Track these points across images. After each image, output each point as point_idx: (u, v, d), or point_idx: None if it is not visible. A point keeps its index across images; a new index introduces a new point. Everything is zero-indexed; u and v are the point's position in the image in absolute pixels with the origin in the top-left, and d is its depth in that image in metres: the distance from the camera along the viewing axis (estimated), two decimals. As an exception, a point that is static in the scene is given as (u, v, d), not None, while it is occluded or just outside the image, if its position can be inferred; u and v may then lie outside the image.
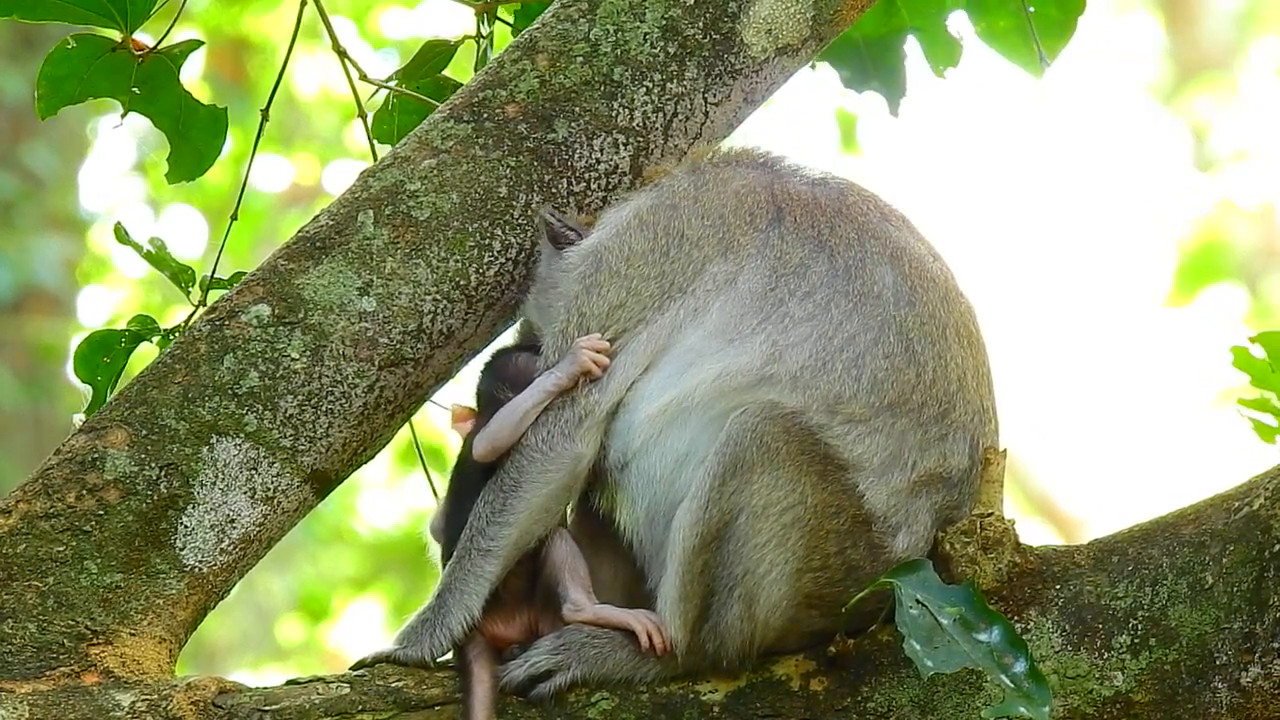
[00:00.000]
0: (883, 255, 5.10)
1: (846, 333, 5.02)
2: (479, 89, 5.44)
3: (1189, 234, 18.61)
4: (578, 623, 5.01)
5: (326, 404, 5.21)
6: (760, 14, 5.48)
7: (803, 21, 5.52)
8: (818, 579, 4.95)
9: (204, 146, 5.97)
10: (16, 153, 13.82)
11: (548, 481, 5.07)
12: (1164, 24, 19.14)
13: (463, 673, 4.97)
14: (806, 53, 5.54)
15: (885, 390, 5.00)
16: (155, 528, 5.10)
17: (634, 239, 5.18)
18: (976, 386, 5.10)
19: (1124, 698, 4.91)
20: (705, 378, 5.02)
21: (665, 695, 4.98)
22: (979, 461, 5.06)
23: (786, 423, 4.94)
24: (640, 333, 5.12)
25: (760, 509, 4.92)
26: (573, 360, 5.10)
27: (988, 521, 4.98)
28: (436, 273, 5.30)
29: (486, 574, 5.05)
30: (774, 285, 5.07)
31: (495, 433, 5.12)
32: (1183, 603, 4.93)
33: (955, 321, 5.11)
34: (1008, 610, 4.95)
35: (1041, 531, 16.15)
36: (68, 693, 4.96)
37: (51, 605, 5.03)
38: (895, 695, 4.94)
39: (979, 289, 5.30)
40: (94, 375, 5.81)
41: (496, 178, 5.36)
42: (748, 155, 5.30)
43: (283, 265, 5.30)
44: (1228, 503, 5.00)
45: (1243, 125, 18.61)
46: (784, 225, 5.13)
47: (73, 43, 5.85)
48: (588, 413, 5.08)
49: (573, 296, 5.17)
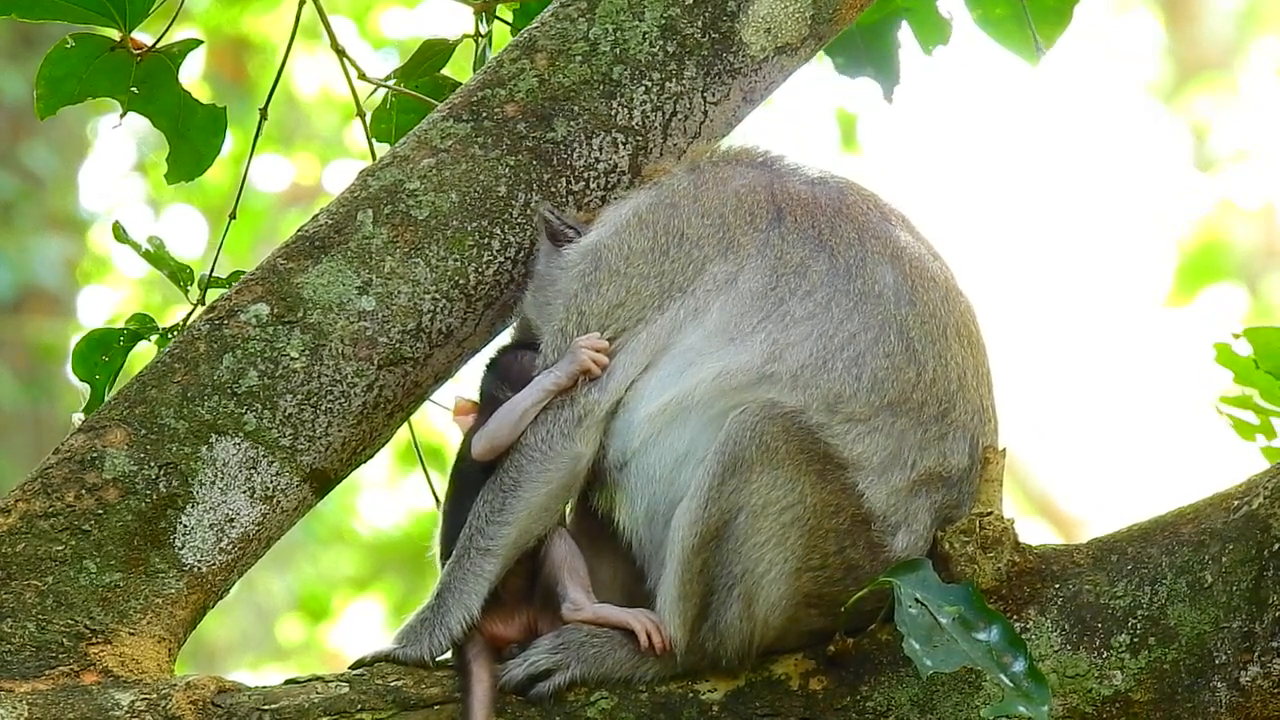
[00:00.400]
0: (883, 255, 5.10)
1: (847, 331, 5.02)
2: (478, 88, 5.44)
3: (1189, 234, 18.61)
4: (577, 622, 5.01)
5: (326, 403, 5.21)
6: (759, 13, 5.48)
7: (801, 20, 5.52)
8: (817, 578, 4.95)
9: (203, 146, 5.97)
10: (16, 153, 13.82)
11: (547, 481, 5.07)
12: (1164, 23, 19.14)
13: (461, 672, 4.97)
14: (805, 52, 5.54)
15: (885, 389, 5.00)
16: (154, 527, 5.10)
17: (633, 237, 5.18)
18: (976, 386, 5.10)
19: (1123, 697, 4.90)
20: (705, 377, 5.02)
21: (664, 694, 4.98)
22: (978, 461, 5.06)
23: (786, 421, 4.93)
24: (640, 332, 5.11)
25: (759, 508, 4.92)
26: (572, 359, 5.10)
27: (987, 521, 4.98)
28: (435, 272, 5.30)
29: (486, 573, 5.05)
30: (774, 285, 5.07)
31: (494, 431, 5.13)
32: (1182, 602, 4.92)
33: (955, 321, 5.10)
34: (1007, 609, 4.95)
35: (1041, 531, 16.16)
36: (67, 692, 4.96)
37: (51, 604, 5.03)
38: (894, 694, 4.94)
39: (979, 289, 5.30)
40: (92, 374, 5.81)
41: (495, 177, 5.36)
42: (747, 154, 5.30)
43: (282, 264, 5.30)
44: (1227, 502, 5.00)
45: (1243, 125, 18.61)
46: (784, 225, 5.13)
47: (71, 42, 5.84)
48: (587, 412, 5.08)
49: (572, 295, 5.17)
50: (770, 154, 5.30)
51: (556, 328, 5.16)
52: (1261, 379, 5.64)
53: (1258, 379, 5.65)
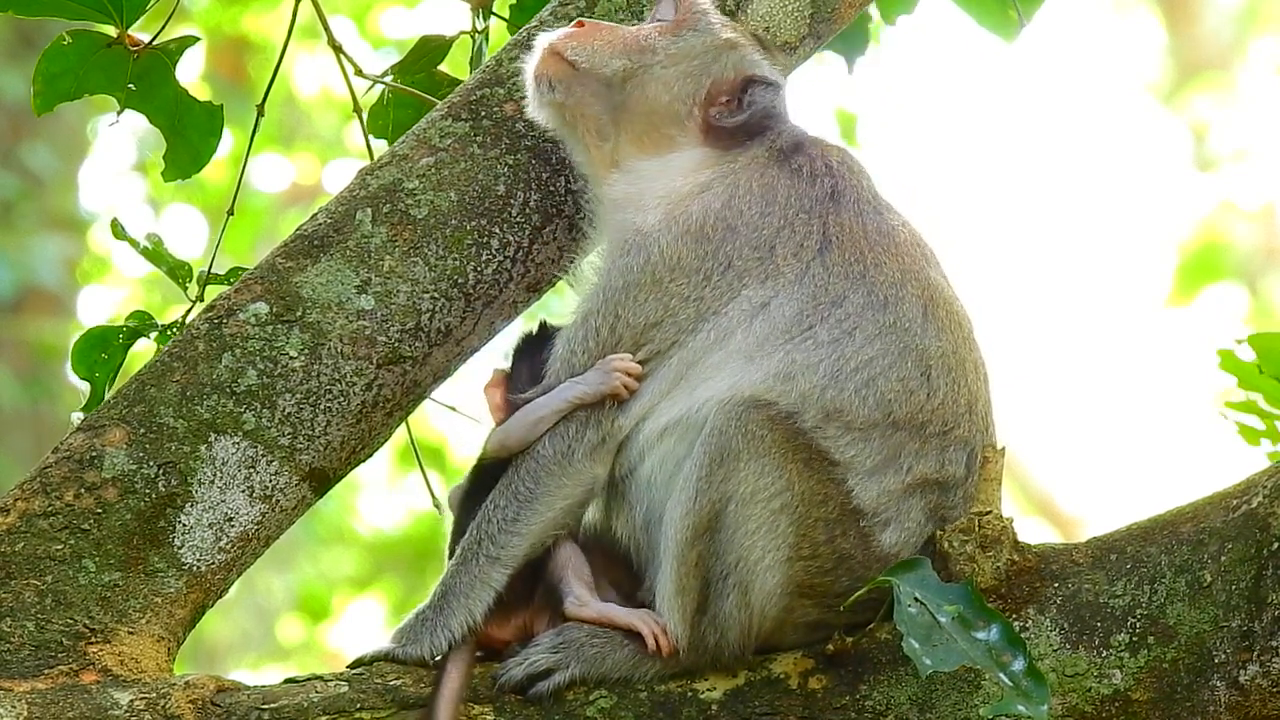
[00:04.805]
0: (919, 298, 5.08)
1: (865, 356, 5.02)
2: (477, 87, 5.44)
3: (1189, 234, 18.62)
4: (580, 619, 5.01)
5: (325, 402, 5.21)
6: (758, 12, 5.48)
7: (800, 19, 5.52)
8: (809, 567, 4.96)
9: (200, 143, 5.97)
10: (16, 152, 13.83)
11: (565, 497, 5.07)
12: (1164, 23, 19.14)
13: (438, 668, 4.97)
14: (805, 50, 5.54)
15: (891, 409, 5.00)
16: (154, 526, 5.10)
17: (686, 249, 5.11)
18: (985, 414, 5.11)
19: (1122, 696, 4.90)
20: (714, 393, 5.00)
21: (664, 693, 4.98)
22: (975, 471, 5.07)
23: (770, 411, 4.94)
24: (671, 356, 5.08)
25: (749, 496, 4.92)
26: (603, 379, 5.05)
27: (986, 520, 4.98)
28: (434, 271, 5.30)
29: (493, 581, 5.05)
30: (809, 312, 5.05)
31: (509, 431, 5.11)
32: (1181, 601, 4.92)
33: (974, 359, 5.13)
34: (1006, 608, 4.95)
35: (1041, 530, 16.16)
36: (66, 691, 4.96)
37: (50, 604, 5.03)
38: (894, 693, 4.94)
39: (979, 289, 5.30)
40: (92, 371, 5.81)
41: (494, 176, 5.36)
42: (823, 161, 5.18)
43: (281, 263, 5.30)
44: (1226, 501, 5.00)
45: (1243, 125, 18.62)
46: (829, 255, 5.10)
47: (68, 39, 5.84)
48: (610, 435, 5.07)
49: (611, 289, 5.11)
50: (837, 167, 5.20)
51: (587, 316, 5.12)
52: (1266, 384, 5.64)
53: (1262, 384, 5.65)
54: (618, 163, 5.21)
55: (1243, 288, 18.51)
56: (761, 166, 5.16)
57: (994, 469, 5.07)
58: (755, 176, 5.15)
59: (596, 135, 5.22)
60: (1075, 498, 16.96)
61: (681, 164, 5.18)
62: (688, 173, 5.18)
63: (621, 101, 5.21)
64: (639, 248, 5.12)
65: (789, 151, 5.19)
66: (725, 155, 5.19)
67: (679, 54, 5.23)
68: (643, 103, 5.22)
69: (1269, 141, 18.42)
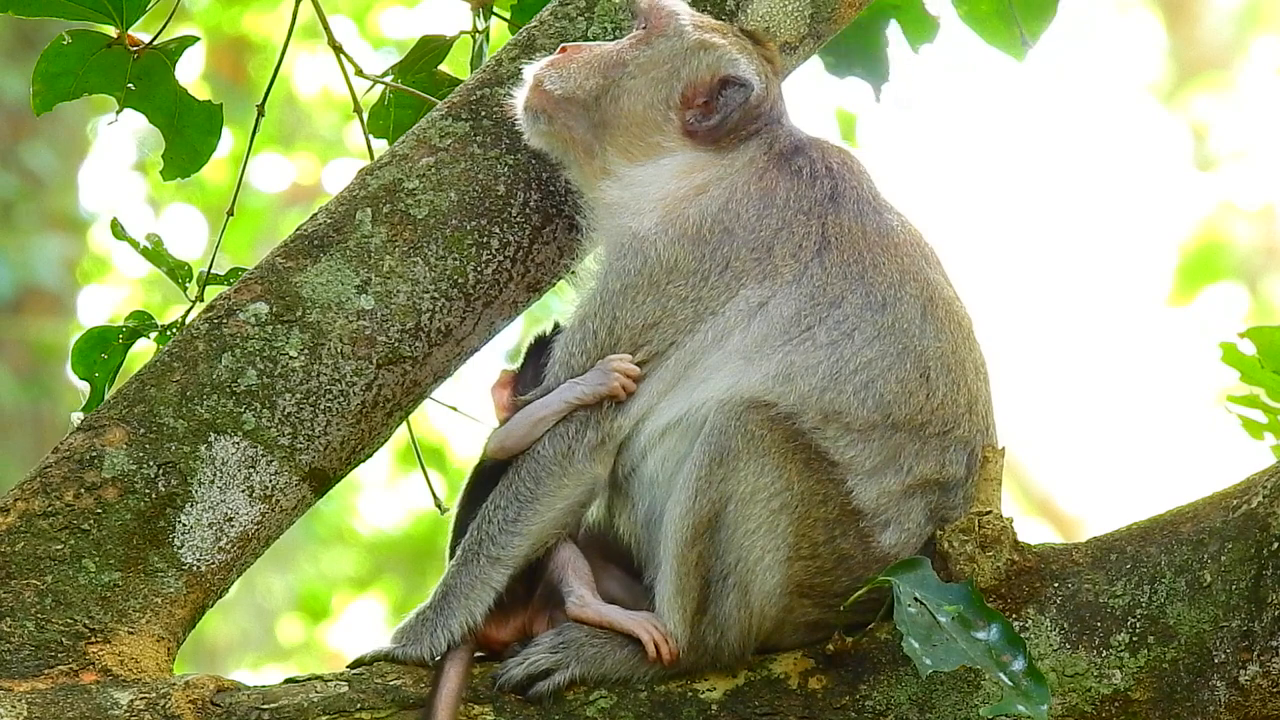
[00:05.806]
0: (917, 298, 5.08)
1: (864, 357, 5.02)
2: (477, 86, 5.44)
3: (1189, 234, 18.62)
4: (581, 619, 5.00)
5: (324, 402, 5.21)
6: (758, 12, 5.48)
7: (800, 19, 5.52)
8: (808, 567, 4.96)
9: (199, 143, 5.97)
10: (16, 152, 13.83)
11: (565, 498, 5.07)
12: (1164, 23, 19.15)
13: (436, 669, 4.97)
14: (805, 51, 5.53)
15: (891, 410, 5.00)
16: (153, 526, 5.10)
17: (683, 251, 5.11)
18: (985, 414, 5.11)
19: (1122, 696, 4.90)
20: (714, 393, 5.00)
21: (663, 694, 4.98)
22: (976, 472, 5.06)
23: (770, 411, 4.94)
24: (669, 357, 5.08)
25: (748, 495, 4.92)
26: (601, 380, 5.05)
27: (986, 519, 4.97)
28: (434, 270, 5.30)
29: (494, 582, 5.05)
30: (807, 313, 5.05)
31: (509, 432, 5.11)
32: (1181, 601, 4.92)
33: (974, 359, 5.13)
34: (1006, 608, 4.95)
35: (1041, 530, 16.16)
36: (66, 691, 4.96)
37: (50, 603, 5.03)
38: (893, 693, 4.94)
39: (979, 289, 5.31)
40: (91, 371, 5.81)
41: (494, 175, 5.36)
42: (824, 163, 5.18)
43: (281, 263, 5.29)
44: (1226, 501, 5.00)
45: (1243, 125, 18.62)
46: (828, 256, 5.09)
47: (68, 39, 5.84)
48: (609, 436, 5.07)
49: (607, 292, 5.12)
50: (838, 168, 5.19)
51: (585, 319, 5.13)
52: (1267, 378, 5.64)
53: (1264, 378, 5.65)
54: (610, 173, 5.22)
55: (1243, 287, 18.52)
56: (761, 168, 5.16)
57: (994, 469, 5.06)
58: (754, 179, 5.15)
59: (585, 153, 5.23)
60: (1075, 498, 16.97)
61: (674, 168, 5.18)
62: (682, 176, 5.18)
63: (600, 118, 5.22)
64: (635, 251, 5.12)
65: (789, 153, 5.18)
66: (720, 157, 5.19)
67: (648, 62, 5.23)
68: (619, 116, 5.23)
69: (1269, 141, 18.43)
